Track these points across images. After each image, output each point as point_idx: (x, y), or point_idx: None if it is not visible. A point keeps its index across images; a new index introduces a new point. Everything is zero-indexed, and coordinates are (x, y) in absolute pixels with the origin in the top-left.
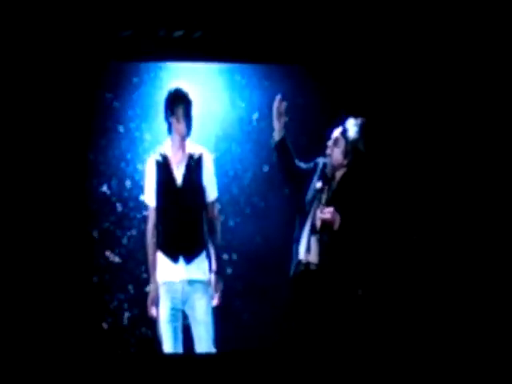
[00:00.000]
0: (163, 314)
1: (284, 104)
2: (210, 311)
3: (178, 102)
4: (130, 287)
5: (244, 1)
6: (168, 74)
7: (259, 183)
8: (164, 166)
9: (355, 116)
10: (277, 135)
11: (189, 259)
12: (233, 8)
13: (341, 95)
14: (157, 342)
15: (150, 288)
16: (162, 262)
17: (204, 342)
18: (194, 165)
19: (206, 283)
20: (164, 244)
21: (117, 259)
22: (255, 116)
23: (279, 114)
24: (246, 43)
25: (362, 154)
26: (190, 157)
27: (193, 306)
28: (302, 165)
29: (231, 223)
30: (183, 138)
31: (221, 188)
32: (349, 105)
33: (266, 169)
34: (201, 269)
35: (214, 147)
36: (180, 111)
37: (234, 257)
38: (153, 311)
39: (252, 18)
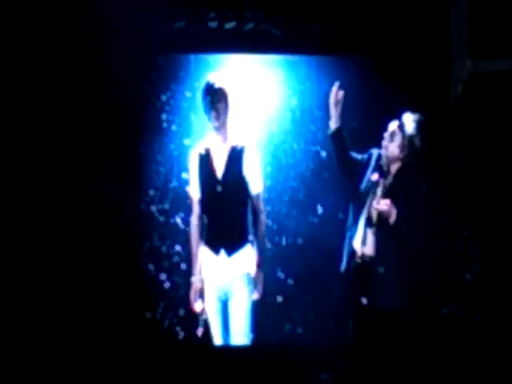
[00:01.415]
0: (209, 305)
1: (341, 92)
2: (248, 303)
3: (206, 95)
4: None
5: None
6: (218, 66)
7: (309, 180)
8: (205, 159)
9: (412, 111)
10: (333, 124)
11: (230, 252)
12: (283, 0)
13: (399, 87)
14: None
15: (192, 280)
16: (205, 254)
17: (239, 333)
18: (235, 157)
19: (247, 276)
20: (207, 236)
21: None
22: (309, 108)
23: (336, 102)
24: (298, 35)
25: (419, 149)
26: (232, 149)
27: (232, 296)
28: (356, 155)
29: (280, 211)
30: (217, 129)
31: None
32: (406, 98)
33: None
34: (243, 261)
35: (267, 141)
36: (208, 103)
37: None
38: (196, 304)
39: (304, 8)
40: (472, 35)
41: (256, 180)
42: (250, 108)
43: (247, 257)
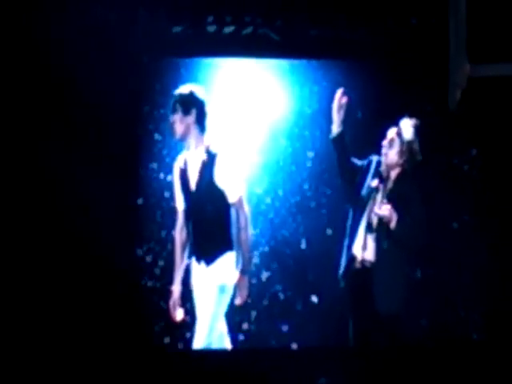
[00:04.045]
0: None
1: (345, 97)
2: (215, 311)
3: None
4: None
5: None
6: (217, 70)
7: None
8: (182, 171)
9: (410, 116)
10: (335, 128)
11: (208, 261)
12: (282, 4)
13: (397, 92)
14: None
15: (172, 289)
16: (193, 263)
17: (200, 338)
18: (207, 167)
19: (220, 286)
20: (192, 247)
21: None
22: (307, 112)
23: (339, 107)
24: (296, 39)
25: (417, 154)
26: (206, 158)
27: (199, 302)
28: (357, 161)
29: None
30: (183, 141)
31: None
32: (404, 103)
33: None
34: (220, 271)
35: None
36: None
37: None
38: (176, 313)
39: (303, 12)
40: (471, 40)
41: (233, 187)
42: (248, 112)
43: (226, 265)
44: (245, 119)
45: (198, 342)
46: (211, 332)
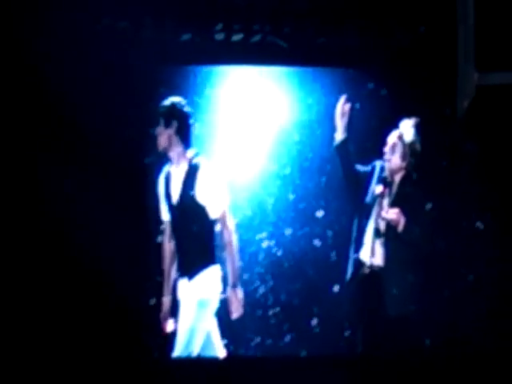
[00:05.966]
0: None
1: (348, 104)
2: (192, 325)
3: None
4: None
5: (302, 5)
6: (224, 78)
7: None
8: (167, 183)
9: (409, 116)
10: (338, 135)
11: (190, 275)
12: (291, 12)
13: (404, 100)
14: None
15: (163, 301)
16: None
17: (179, 348)
18: (187, 181)
19: (200, 301)
20: (177, 260)
21: None
22: (314, 120)
23: (342, 114)
24: (304, 47)
25: (419, 154)
26: (187, 173)
27: (180, 315)
28: (361, 167)
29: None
30: (166, 153)
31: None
32: (411, 111)
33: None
34: (202, 285)
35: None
36: None
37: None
38: (166, 324)
39: (311, 21)
40: (479, 48)
41: (215, 202)
42: (256, 120)
43: (208, 280)
44: (252, 127)
45: (176, 354)
46: (188, 346)
